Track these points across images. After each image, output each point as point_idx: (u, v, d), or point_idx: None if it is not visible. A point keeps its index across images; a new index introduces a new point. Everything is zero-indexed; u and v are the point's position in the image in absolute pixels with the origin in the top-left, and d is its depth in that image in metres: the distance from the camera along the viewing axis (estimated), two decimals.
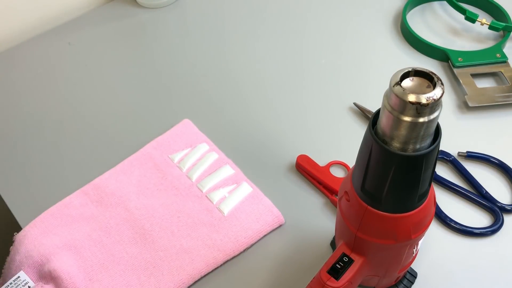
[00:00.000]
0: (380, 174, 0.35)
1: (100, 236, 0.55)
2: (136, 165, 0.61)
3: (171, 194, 0.58)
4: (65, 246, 0.54)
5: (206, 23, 0.82)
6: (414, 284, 0.51)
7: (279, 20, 0.81)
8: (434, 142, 0.33)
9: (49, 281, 0.52)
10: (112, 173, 0.61)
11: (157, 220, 0.56)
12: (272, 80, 0.72)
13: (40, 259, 0.52)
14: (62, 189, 0.60)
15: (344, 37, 0.78)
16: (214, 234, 0.55)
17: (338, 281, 0.41)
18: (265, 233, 0.55)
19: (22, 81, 0.73)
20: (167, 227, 0.55)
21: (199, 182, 0.59)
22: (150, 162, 0.61)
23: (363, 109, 0.66)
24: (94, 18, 0.83)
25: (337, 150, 0.62)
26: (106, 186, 0.59)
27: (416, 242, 0.42)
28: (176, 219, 0.56)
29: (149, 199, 0.58)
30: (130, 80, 0.73)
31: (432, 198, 0.40)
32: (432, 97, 0.30)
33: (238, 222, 0.55)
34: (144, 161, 0.62)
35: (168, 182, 0.59)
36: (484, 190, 0.57)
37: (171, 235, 0.55)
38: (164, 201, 0.57)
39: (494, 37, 0.76)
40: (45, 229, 0.55)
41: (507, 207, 0.56)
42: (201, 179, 0.59)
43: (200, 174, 0.60)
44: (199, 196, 0.58)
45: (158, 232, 0.55)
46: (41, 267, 0.52)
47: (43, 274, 0.52)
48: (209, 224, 0.55)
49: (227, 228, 0.55)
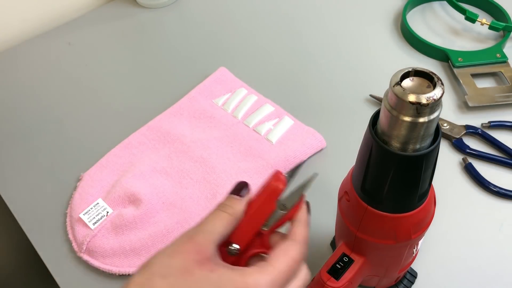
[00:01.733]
0: (380, 174, 0.35)
1: (164, 167, 0.60)
2: (184, 108, 0.66)
3: (222, 129, 0.64)
4: (134, 177, 0.58)
5: (206, 23, 0.82)
6: (414, 284, 0.51)
7: (279, 20, 0.81)
8: (434, 142, 0.33)
9: (127, 205, 0.56)
10: (162, 117, 0.65)
11: (213, 150, 0.61)
12: (270, 80, 0.72)
13: (115, 189, 0.57)
14: (62, 189, 0.60)
15: (344, 37, 0.78)
16: (266, 156, 0.60)
17: (338, 281, 0.41)
18: (310, 154, 0.61)
19: (22, 81, 0.73)
20: (222, 155, 0.61)
21: (245, 119, 0.65)
22: (196, 105, 0.66)
23: None
24: (94, 18, 0.83)
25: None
26: (160, 126, 0.64)
27: (416, 242, 0.41)
28: (230, 148, 0.61)
29: (201, 134, 0.63)
30: (130, 80, 0.73)
31: (432, 198, 0.40)
32: (432, 97, 0.30)
33: (286, 146, 0.61)
34: (191, 105, 0.66)
35: (217, 120, 0.64)
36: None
37: (228, 161, 0.60)
38: (216, 135, 0.63)
39: (494, 37, 0.76)
40: (111, 167, 0.60)
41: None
42: (246, 117, 0.65)
43: (244, 113, 0.65)
44: (247, 130, 0.64)
45: (216, 159, 0.60)
46: (117, 195, 0.57)
47: (120, 201, 0.57)
48: (260, 150, 0.61)
49: (277, 151, 0.61)
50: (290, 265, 0.33)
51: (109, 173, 0.60)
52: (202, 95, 0.68)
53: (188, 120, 0.65)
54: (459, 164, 0.61)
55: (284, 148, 0.61)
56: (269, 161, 0.60)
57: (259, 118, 0.64)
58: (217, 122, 0.64)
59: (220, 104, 0.67)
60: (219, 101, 0.67)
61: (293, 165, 0.58)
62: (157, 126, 0.64)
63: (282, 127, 0.63)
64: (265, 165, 0.60)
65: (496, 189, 0.57)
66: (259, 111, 0.65)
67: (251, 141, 0.62)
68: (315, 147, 0.62)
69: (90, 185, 0.59)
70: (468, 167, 0.59)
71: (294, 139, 0.62)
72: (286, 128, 0.63)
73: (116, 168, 0.60)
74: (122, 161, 0.61)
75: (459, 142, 0.62)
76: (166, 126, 0.64)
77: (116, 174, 0.60)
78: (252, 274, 0.31)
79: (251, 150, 0.61)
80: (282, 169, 0.59)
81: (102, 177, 0.59)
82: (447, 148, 0.62)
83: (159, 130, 0.64)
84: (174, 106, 0.67)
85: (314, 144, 0.62)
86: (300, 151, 0.61)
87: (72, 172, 0.62)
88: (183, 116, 0.65)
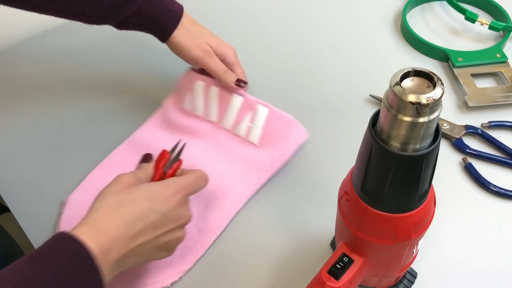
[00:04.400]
0: (380, 174, 0.35)
1: None
2: (161, 120, 0.64)
3: (204, 138, 0.61)
4: None
5: (206, 23, 0.82)
6: (414, 284, 0.51)
7: (279, 20, 0.81)
8: (434, 142, 0.33)
9: None
10: (141, 131, 0.63)
11: (200, 159, 0.59)
12: (270, 80, 0.72)
13: None
14: (62, 188, 0.60)
15: (344, 37, 0.78)
16: (253, 159, 0.59)
17: (338, 281, 0.41)
18: (295, 149, 0.60)
19: (22, 80, 0.73)
20: (210, 163, 0.59)
21: (222, 122, 0.62)
22: (171, 115, 0.64)
23: None
24: None
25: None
26: (141, 140, 0.62)
27: (416, 242, 0.42)
28: (216, 156, 0.60)
29: None
30: (130, 80, 0.73)
31: (432, 198, 0.40)
32: (432, 97, 0.30)
33: (270, 145, 0.60)
34: (166, 116, 0.64)
35: (195, 129, 0.62)
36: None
37: (216, 169, 0.58)
38: (199, 144, 0.60)
39: (494, 37, 0.76)
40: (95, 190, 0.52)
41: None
42: (222, 117, 0.62)
43: (217, 112, 0.62)
44: (228, 135, 0.62)
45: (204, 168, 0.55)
46: None
47: None
48: (246, 154, 0.60)
49: (262, 152, 0.60)
50: (190, 178, 0.49)
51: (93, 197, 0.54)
52: (175, 104, 0.65)
53: (167, 132, 0.63)
54: (459, 164, 0.61)
55: (269, 147, 0.60)
56: (257, 164, 0.59)
57: (234, 117, 0.62)
58: (196, 130, 0.62)
59: (190, 108, 0.64)
60: (188, 105, 0.64)
61: (280, 164, 0.59)
62: (137, 140, 0.62)
63: (259, 121, 0.61)
64: (254, 168, 0.59)
65: (496, 189, 0.57)
66: (230, 108, 0.62)
67: (234, 146, 0.61)
68: (298, 140, 0.61)
69: (75, 210, 0.56)
70: (468, 167, 0.59)
71: (276, 134, 0.60)
72: (263, 120, 0.61)
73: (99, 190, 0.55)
74: (106, 181, 0.55)
75: (459, 142, 0.62)
76: (146, 139, 0.62)
77: None
78: (172, 178, 0.48)
79: (236, 156, 0.60)
80: (271, 169, 0.59)
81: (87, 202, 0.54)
82: (447, 148, 0.62)
83: (140, 145, 0.61)
84: (151, 119, 0.65)
85: (298, 137, 0.61)
86: (285, 148, 0.60)
87: (72, 170, 0.62)
88: (162, 128, 0.64)
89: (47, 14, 0.58)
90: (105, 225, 0.41)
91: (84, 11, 0.56)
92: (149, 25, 0.59)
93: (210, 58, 0.60)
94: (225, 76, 0.60)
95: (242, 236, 0.56)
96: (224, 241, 0.55)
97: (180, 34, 0.60)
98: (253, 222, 0.57)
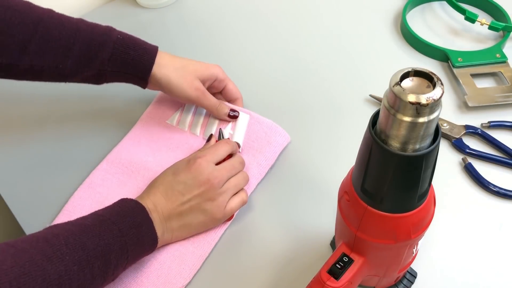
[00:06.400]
0: (380, 174, 0.35)
1: None
2: (140, 135, 0.64)
3: (185, 149, 0.62)
4: None
5: (206, 23, 0.82)
6: (414, 284, 0.51)
7: (279, 20, 0.81)
8: (434, 142, 0.33)
9: None
10: (120, 148, 0.63)
11: None
12: (270, 81, 0.72)
13: None
14: (63, 186, 0.60)
15: (344, 38, 0.78)
16: None
17: (338, 281, 0.41)
18: (278, 152, 0.62)
19: None
20: None
21: (204, 133, 0.64)
22: (151, 129, 0.65)
23: None
24: (94, 18, 0.83)
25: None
26: (120, 158, 0.62)
27: (416, 242, 0.42)
28: None
29: (165, 157, 0.61)
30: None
31: (432, 198, 0.40)
32: (432, 97, 0.30)
33: (255, 150, 0.61)
34: (145, 130, 0.65)
35: (177, 141, 0.63)
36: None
37: None
38: (180, 156, 0.60)
39: (494, 37, 0.76)
40: (79, 213, 0.56)
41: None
42: (204, 130, 0.64)
43: (200, 126, 0.64)
44: None
45: None
46: None
47: None
48: None
49: (247, 158, 0.60)
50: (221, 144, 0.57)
51: None
52: (154, 118, 0.66)
53: (148, 146, 0.63)
54: (459, 164, 0.61)
55: (253, 152, 0.61)
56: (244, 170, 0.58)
57: (215, 127, 0.64)
58: (177, 143, 0.63)
59: (175, 123, 0.65)
60: (173, 121, 0.65)
61: (266, 168, 0.60)
62: (117, 158, 0.62)
63: (241, 127, 0.63)
64: None
65: (496, 189, 0.57)
66: (212, 120, 0.64)
67: None
68: (281, 143, 0.62)
69: None
70: (468, 167, 0.59)
71: (258, 138, 0.62)
72: (245, 126, 0.63)
73: (84, 212, 0.53)
74: (89, 203, 0.58)
75: (459, 142, 0.62)
76: (126, 156, 0.62)
77: None
78: None
79: None
80: (258, 175, 0.60)
81: None
82: (447, 148, 0.62)
83: (120, 162, 0.61)
84: (129, 134, 0.65)
85: (280, 140, 0.62)
86: (269, 151, 0.61)
87: (72, 170, 0.62)
88: (141, 142, 0.63)
89: (18, 78, 0.57)
90: (146, 195, 0.53)
91: (56, 62, 0.55)
92: (126, 68, 0.58)
93: (204, 96, 0.61)
94: (218, 111, 0.63)
95: (242, 236, 0.56)
96: (224, 241, 0.56)
97: (170, 72, 0.59)
98: (253, 222, 0.57)
